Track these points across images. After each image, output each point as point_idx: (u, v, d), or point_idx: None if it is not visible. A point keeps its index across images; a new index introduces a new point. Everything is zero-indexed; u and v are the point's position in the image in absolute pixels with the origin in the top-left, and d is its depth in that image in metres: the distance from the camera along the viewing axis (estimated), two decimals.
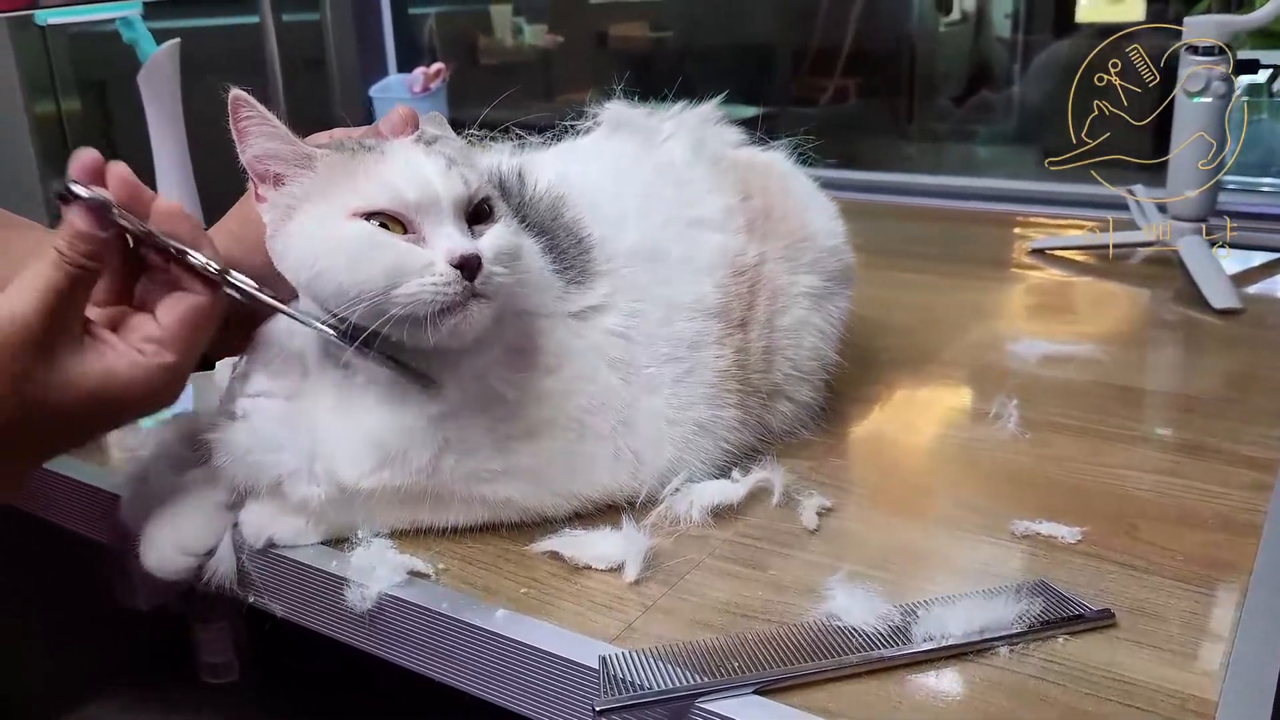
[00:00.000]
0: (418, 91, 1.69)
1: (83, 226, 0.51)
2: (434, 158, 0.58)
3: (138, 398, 0.54)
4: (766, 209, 0.74)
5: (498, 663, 0.55)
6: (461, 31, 3.18)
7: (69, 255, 0.51)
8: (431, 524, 0.63)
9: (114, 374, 0.53)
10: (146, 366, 0.54)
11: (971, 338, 0.93)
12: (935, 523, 0.63)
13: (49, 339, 0.51)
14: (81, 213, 0.52)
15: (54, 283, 0.51)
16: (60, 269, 0.51)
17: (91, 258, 0.52)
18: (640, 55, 3.55)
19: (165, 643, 1.01)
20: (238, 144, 0.59)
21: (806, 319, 0.73)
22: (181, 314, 0.56)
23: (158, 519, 0.64)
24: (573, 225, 0.66)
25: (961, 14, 3.12)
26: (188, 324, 0.56)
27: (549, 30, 3.28)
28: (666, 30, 3.59)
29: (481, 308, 0.56)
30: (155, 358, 0.54)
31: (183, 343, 0.55)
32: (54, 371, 0.52)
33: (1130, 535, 0.61)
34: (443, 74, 1.70)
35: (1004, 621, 0.53)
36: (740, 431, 0.69)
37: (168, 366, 0.55)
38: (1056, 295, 1.09)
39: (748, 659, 0.51)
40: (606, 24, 3.65)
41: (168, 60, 1.11)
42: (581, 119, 0.75)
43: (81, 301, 0.53)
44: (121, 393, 0.53)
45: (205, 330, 0.57)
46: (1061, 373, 0.85)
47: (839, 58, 3.25)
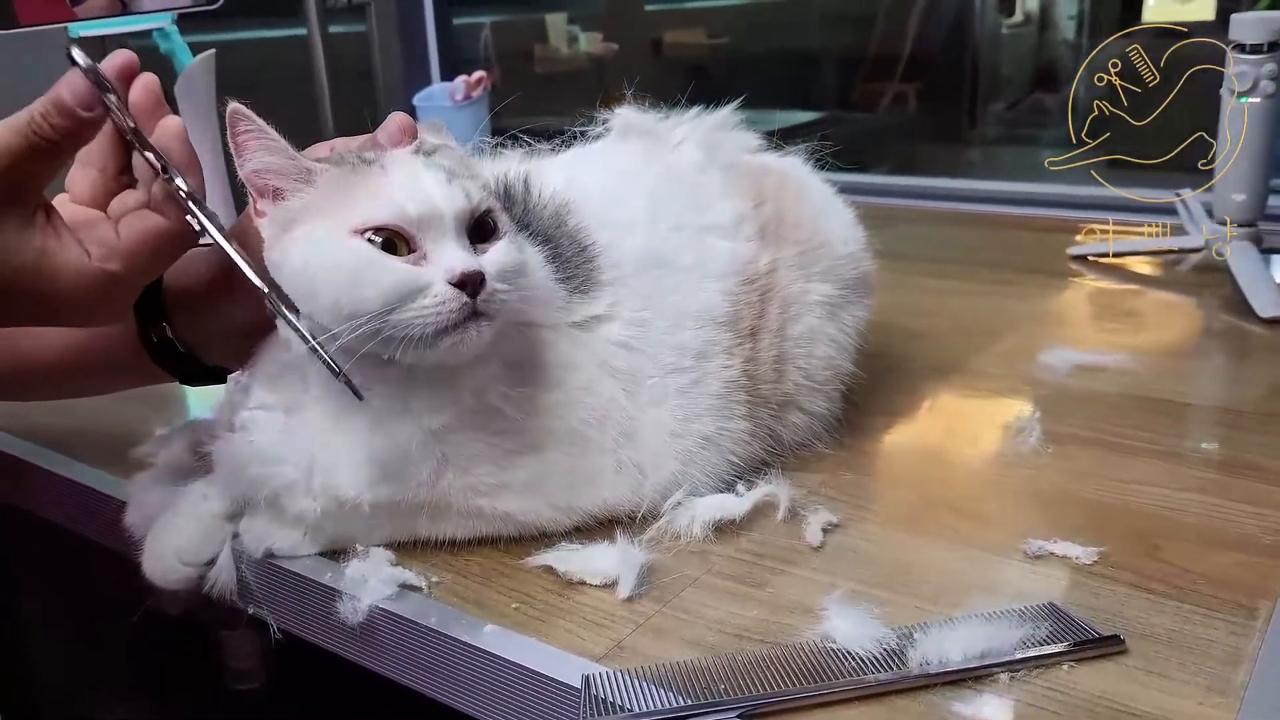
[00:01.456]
0: (460, 99, 1.70)
1: (64, 95, 0.49)
2: (434, 170, 0.57)
3: (67, 294, 0.52)
4: (780, 215, 0.72)
5: (483, 679, 0.54)
6: (516, 40, 3.21)
7: (36, 123, 0.49)
8: (429, 537, 0.62)
9: (49, 259, 0.51)
10: (85, 266, 0.52)
11: (1002, 347, 0.90)
12: (945, 540, 0.61)
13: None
14: (69, 83, 0.50)
15: (8, 144, 0.49)
16: (20, 134, 0.49)
17: (60, 132, 0.49)
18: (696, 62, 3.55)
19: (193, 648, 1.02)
20: (236, 158, 0.58)
21: (820, 328, 0.71)
22: (142, 230, 0.54)
23: (160, 528, 0.64)
24: (576, 233, 0.65)
25: (1024, 16, 3.06)
26: (144, 242, 0.54)
27: (604, 38, 3.29)
28: (722, 37, 3.59)
29: (481, 328, 0.55)
30: (99, 261, 0.52)
31: (132, 258, 0.54)
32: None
33: (1151, 556, 0.58)
34: (484, 82, 1.70)
35: (1006, 646, 0.50)
36: (749, 443, 0.67)
37: (108, 273, 0.53)
38: (1096, 303, 1.05)
39: (735, 681, 0.49)
40: (662, 31, 3.65)
41: (203, 71, 1.13)
42: (592, 125, 0.74)
43: (38, 175, 0.51)
44: (51, 281, 0.51)
45: (161, 255, 0.55)
46: (1092, 384, 0.81)
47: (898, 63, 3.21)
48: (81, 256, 0.52)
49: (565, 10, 3.29)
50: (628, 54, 3.33)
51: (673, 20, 3.66)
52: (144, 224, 0.54)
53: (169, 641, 1.00)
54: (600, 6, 3.78)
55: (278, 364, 0.62)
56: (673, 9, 3.80)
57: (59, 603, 1.02)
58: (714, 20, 3.64)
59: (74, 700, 1.08)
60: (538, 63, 3.18)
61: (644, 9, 3.81)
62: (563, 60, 3.18)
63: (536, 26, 3.21)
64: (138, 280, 0.55)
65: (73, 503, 0.75)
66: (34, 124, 0.49)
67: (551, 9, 3.30)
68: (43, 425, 0.82)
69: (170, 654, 0.99)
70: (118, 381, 0.72)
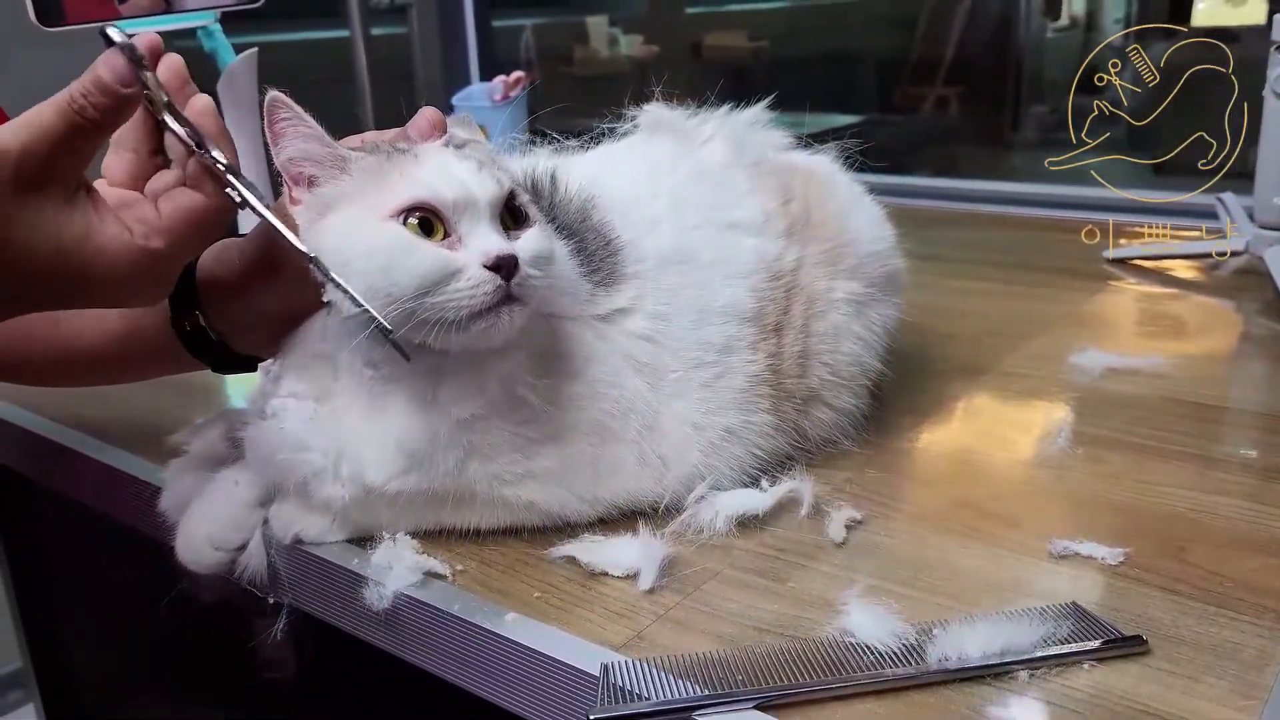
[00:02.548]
0: (498, 100, 1.71)
1: (103, 74, 0.50)
2: (465, 160, 0.59)
3: (109, 271, 0.52)
4: (806, 213, 0.72)
5: (505, 666, 0.54)
6: (557, 42, 3.23)
7: (77, 101, 0.49)
8: (455, 525, 0.63)
9: (92, 237, 0.52)
10: (128, 243, 0.53)
11: (1034, 349, 0.89)
12: (969, 539, 0.61)
13: (31, 180, 0.49)
14: (106, 61, 0.50)
15: (49, 122, 0.49)
16: (60, 111, 0.49)
17: (100, 110, 0.50)
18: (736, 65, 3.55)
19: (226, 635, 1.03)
20: (272, 146, 0.59)
21: (846, 325, 0.71)
22: (182, 207, 0.55)
23: (193, 514, 0.65)
24: (601, 227, 0.66)
25: (1070, 20, 3.03)
26: (184, 219, 0.55)
27: (645, 41, 3.30)
28: (763, 40, 3.58)
29: (514, 311, 0.56)
30: (141, 239, 0.53)
31: (173, 235, 0.54)
32: (31, 215, 0.50)
33: (1178, 558, 0.58)
34: (522, 82, 1.71)
35: (1026, 644, 0.50)
36: (773, 437, 0.67)
37: (150, 251, 0.53)
38: (1131, 306, 1.04)
39: (752, 673, 0.50)
40: (702, 34, 3.65)
41: (245, 69, 1.15)
42: (621, 122, 0.74)
43: (79, 153, 0.51)
44: (93, 259, 0.52)
45: (201, 232, 0.56)
46: (1125, 386, 0.81)
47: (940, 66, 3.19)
48: (124, 234, 0.52)
49: (606, 13, 3.30)
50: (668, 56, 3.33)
51: (713, 23, 3.67)
52: (183, 200, 0.55)
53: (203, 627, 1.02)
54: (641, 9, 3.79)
55: (309, 353, 0.63)
56: (713, 11, 3.80)
57: (96, 586, 1.04)
58: (755, 23, 3.64)
59: (108, 682, 1.11)
60: (578, 65, 3.19)
61: (685, 11, 3.81)
62: (603, 62, 3.19)
63: (578, 29, 3.23)
64: (180, 256, 0.56)
65: (110, 488, 0.77)
66: (74, 102, 0.49)
67: (593, 11, 3.31)
68: (85, 412, 0.84)
69: (204, 640, 1.01)
70: (153, 369, 0.74)
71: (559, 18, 3.44)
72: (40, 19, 0.94)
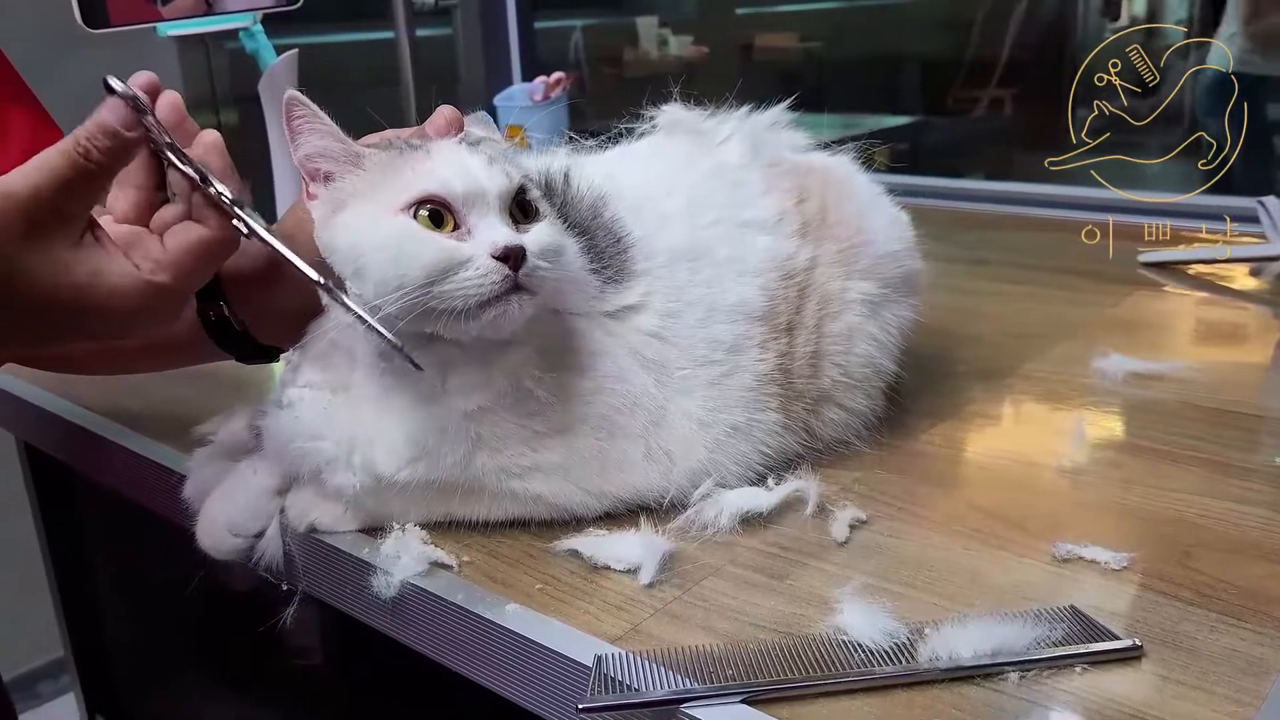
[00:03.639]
0: (538, 100, 1.73)
1: (107, 119, 0.51)
2: (476, 155, 0.60)
3: (120, 307, 0.54)
4: (822, 212, 0.72)
5: (503, 655, 0.55)
6: (607, 43, 3.24)
7: (82, 145, 0.51)
8: (463, 517, 0.64)
9: (102, 276, 0.53)
10: (136, 279, 0.54)
11: (1057, 352, 0.88)
12: (973, 541, 0.61)
13: (40, 223, 0.50)
14: (110, 107, 0.52)
15: (56, 168, 0.50)
16: (67, 156, 0.51)
17: (106, 154, 0.51)
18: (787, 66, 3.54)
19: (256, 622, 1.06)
20: (289, 143, 0.61)
21: (860, 325, 0.71)
22: (188, 241, 0.56)
23: (213, 501, 0.67)
24: (612, 224, 0.66)
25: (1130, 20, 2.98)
26: (191, 252, 0.56)
27: (694, 41, 3.30)
28: (814, 41, 3.57)
29: (523, 301, 0.57)
30: (149, 275, 0.54)
31: (181, 269, 0.55)
32: (42, 257, 0.51)
33: (1182, 564, 0.57)
34: (563, 83, 1.73)
35: (1018, 646, 0.50)
36: (781, 436, 0.68)
37: (158, 285, 0.54)
38: (1163, 311, 1.02)
39: (742, 668, 0.50)
40: (753, 35, 3.65)
41: (286, 70, 1.17)
42: (639, 122, 0.75)
43: (86, 196, 0.52)
44: (106, 298, 0.53)
45: (208, 264, 0.57)
46: (1147, 392, 0.80)
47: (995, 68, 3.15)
48: (131, 270, 0.54)
49: (656, 14, 3.31)
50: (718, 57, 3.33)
51: (764, 24, 3.66)
52: (189, 235, 0.56)
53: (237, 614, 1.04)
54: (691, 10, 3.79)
55: (327, 344, 0.65)
56: (764, 12, 3.79)
57: (132, 573, 1.07)
58: (806, 24, 3.63)
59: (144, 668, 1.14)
60: (627, 66, 3.20)
61: (735, 12, 3.81)
62: (652, 63, 3.20)
63: (628, 30, 3.24)
64: (186, 290, 0.57)
65: (139, 476, 0.79)
66: (80, 147, 0.51)
67: (643, 12, 3.32)
68: (120, 402, 0.86)
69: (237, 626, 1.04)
70: (179, 359, 0.76)
71: (609, 19, 3.46)
72: (86, 21, 0.97)
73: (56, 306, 0.52)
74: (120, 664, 1.14)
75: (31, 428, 0.93)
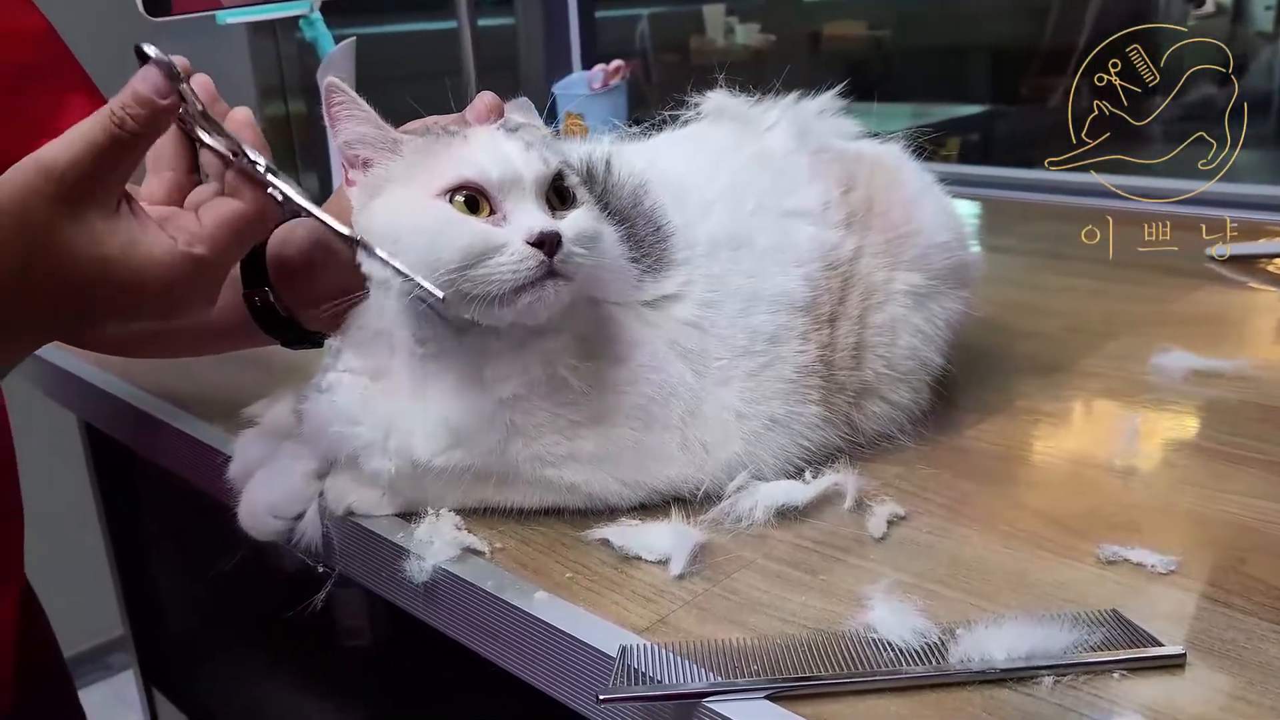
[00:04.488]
0: (597, 88, 1.72)
1: (141, 88, 0.51)
2: (512, 140, 0.60)
3: (157, 280, 0.53)
4: (869, 202, 0.71)
5: (530, 642, 0.55)
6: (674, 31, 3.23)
7: (117, 114, 0.51)
8: (498, 503, 0.64)
9: (137, 246, 0.52)
10: (172, 249, 0.53)
11: (1115, 348, 0.85)
12: (1016, 540, 0.59)
13: (76, 193, 0.50)
14: (144, 75, 0.52)
15: (92, 137, 0.50)
16: (102, 125, 0.51)
17: (141, 122, 0.51)
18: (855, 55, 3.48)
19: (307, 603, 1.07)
20: (330, 130, 0.62)
21: (905, 317, 0.70)
22: (223, 215, 0.56)
23: (255, 483, 0.68)
24: (652, 213, 0.66)
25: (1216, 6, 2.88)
26: (227, 225, 0.56)
27: (761, 29, 3.26)
28: (884, 29, 3.51)
29: (559, 287, 0.57)
30: (185, 246, 0.54)
31: (217, 242, 0.55)
32: (77, 227, 0.51)
33: (1235, 570, 0.55)
34: (622, 71, 1.72)
35: (1054, 649, 0.48)
36: (822, 429, 0.66)
37: (195, 257, 0.54)
38: (1228, 307, 0.98)
39: (768, 663, 0.49)
40: (821, 23, 3.60)
41: (343, 58, 1.18)
42: (683, 109, 0.74)
43: (122, 165, 0.52)
44: (140, 268, 0.53)
45: (243, 237, 0.57)
46: (1207, 390, 0.77)
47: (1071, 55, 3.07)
48: (168, 242, 0.54)
49: (724, 2, 3.28)
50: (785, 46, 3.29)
51: (832, 11, 3.61)
52: (224, 208, 0.56)
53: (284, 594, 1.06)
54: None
55: (368, 330, 0.65)
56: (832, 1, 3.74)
57: (187, 551, 1.10)
58: (875, 11, 3.57)
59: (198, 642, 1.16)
60: (694, 54, 3.18)
61: (803, 1, 3.76)
62: (719, 52, 3.17)
63: (695, 18, 3.22)
64: (224, 263, 0.57)
65: (189, 456, 0.80)
66: (115, 116, 0.51)
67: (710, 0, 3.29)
68: (176, 386, 0.88)
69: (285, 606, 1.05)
70: (227, 343, 0.77)
71: (676, 7, 3.44)
72: (148, 10, 0.99)
73: (94, 279, 0.52)
74: (176, 640, 1.17)
75: (92, 408, 0.96)
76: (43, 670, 0.91)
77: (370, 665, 1.06)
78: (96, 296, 0.53)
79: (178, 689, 1.17)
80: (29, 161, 0.50)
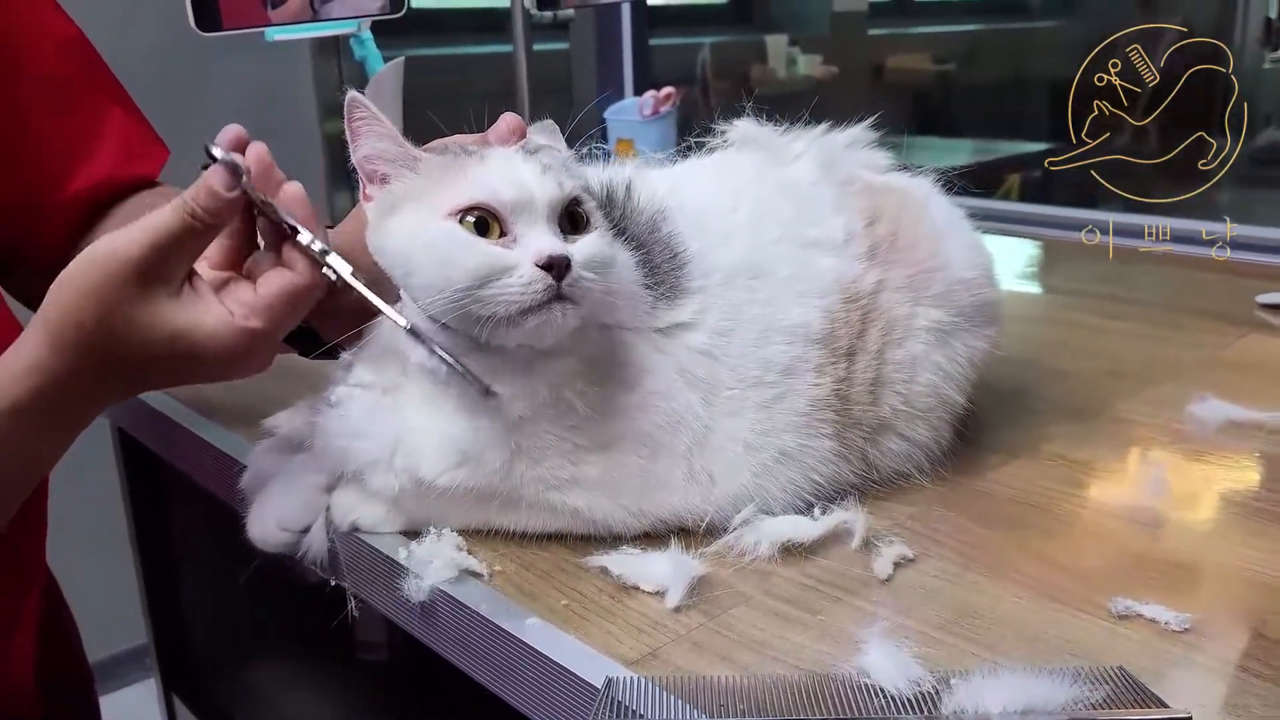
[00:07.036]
0: (648, 114, 1.73)
1: (213, 183, 0.55)
2: (531, 163, 0.60)
3: (216, 353, 0.57)
4: (894, 235, 0.70)
5: (519, 668, 0.55)
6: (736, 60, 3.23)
7: (190, 206, 0.55)
8: (501, 526, 0.63)
9: (199, 324, 0.57)
10: (231, 325, 0.57)
11: (1151, 394, 0.83)
12: (1024, 589, 0.57)
13: (149, 277, 0.55)
14: (215, 173, 0.56)
15: (168, 225, 0.55)
16: (178, 215, 0.55)
17: (210, 214, 0.55)
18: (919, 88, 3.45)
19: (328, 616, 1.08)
20: (350, 144, 0.62)
21: (925, 354, 0.68)
22: (279, 288, 0.59)
23: (265, 494, 0.68)
24: (670, 239, 0.65)
25: None
26: (282, 298, 0.58)
27: (824, 61, 3.25)
28: (948, 63, 3.48)
29: (566, 311, 0.57)
30: (242, 320, 0.57)
31: (272, 314, 0.58)
32: (145, 308, 0.55)
33: (1255, 631, 0.52)
34: (673, 98, 1.73)
35: (1053, 704, 0.46)
36: (834, 464, 0.65)
37: (251, 331, 0.57)
38: (1274, 355, 0.95)
39: (754, 703, 0.48)
40: (885, 56, 3.58)
41: (392, 76, 1.20)
42: (710, 137, 0.73)
43: (190, 252, 0.57)
44: (202, 344, 0.57)
45: (297, 308, 0.60)
46: (1244, 441, 0.74)
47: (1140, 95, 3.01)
48: (226, 316, 0.57)
49: (787, 32, 3.28)
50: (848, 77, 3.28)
51: (897, 45, 3.59)
52: (280, 280, 0.59)
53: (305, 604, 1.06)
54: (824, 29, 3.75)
55: (381, 346, 0.66)
56: (898, 34, 3.72)
57: (210, 558, 1.11)
58: (940, 46, 3.54)
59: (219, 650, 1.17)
60: (755, 83, 3.18)
61: (868, 33, 3.75)
62: (780, 82, 3.17)
63: (757, 47, 3.22)
64: (277, 333, 0.60)
65: (209, 463, 0.81)
66: (188, 207, 0.55)
67: (773, 30, 3.29)
68: (205, 394, 0.89)
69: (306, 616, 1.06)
70: None
71: (739, 36, 3.45)
72: (199, 24, 1.01)
73: (160, 352, 0.57)
74: (198, 648, 1.18)
75: (122, 412, 0.97)
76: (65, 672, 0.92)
77: (390, 680, 1.06)
78: (157, 366, 0.58)
79: (198, 697, 1.18)
80: (104, 250, 0.55)
